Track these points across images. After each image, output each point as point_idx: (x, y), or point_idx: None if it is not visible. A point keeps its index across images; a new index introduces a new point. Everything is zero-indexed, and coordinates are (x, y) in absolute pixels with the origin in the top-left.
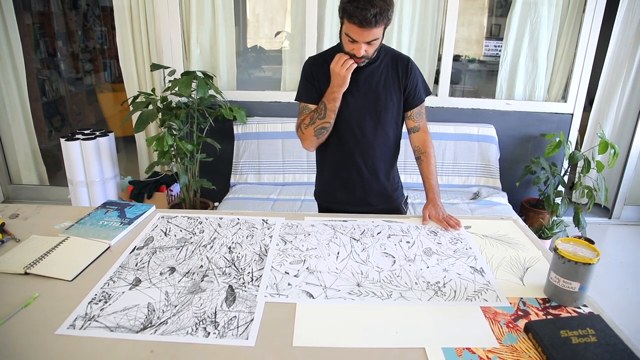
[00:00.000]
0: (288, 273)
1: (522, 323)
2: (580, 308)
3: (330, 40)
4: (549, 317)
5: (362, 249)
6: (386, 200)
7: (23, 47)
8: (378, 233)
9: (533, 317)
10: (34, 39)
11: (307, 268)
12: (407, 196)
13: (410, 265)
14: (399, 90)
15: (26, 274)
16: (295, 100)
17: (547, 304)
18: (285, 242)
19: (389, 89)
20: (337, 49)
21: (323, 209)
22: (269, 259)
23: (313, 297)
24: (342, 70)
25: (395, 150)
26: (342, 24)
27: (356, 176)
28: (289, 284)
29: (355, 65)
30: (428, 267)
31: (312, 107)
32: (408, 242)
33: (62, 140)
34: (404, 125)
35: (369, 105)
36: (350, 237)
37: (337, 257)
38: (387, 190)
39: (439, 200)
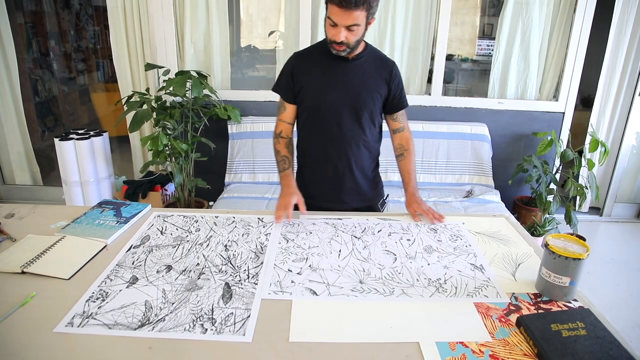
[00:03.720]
0: (291, 271)
1: (513, 317)
2: (570, 302)
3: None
4: (540, 311)
5: (363, 247)
6: (360, 199)
7: (15, 46)
8: (379, 231)
9: (525, 312)
10: (26, 38)
11: (310, 266)
12: (387, 195)
13: (411, 262)
14: (381, 93)
15: (23, 273)
16: (272, 89)
17: (539, 299)
18: (287, 241)
19: (371, 88)
20: (323, 44)
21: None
22: (269, 257)
23: (316, 294)
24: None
25: (372, 150)
26: (326, 9)
27: (331, 172)
28: (292, 282)
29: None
30: (429, 264)
31: (288, 105)
32: (408, 239)
33: (56, 140)
34: (387, 126)
35: (347, 101)
36: (352, 235)
37: (339, 254)
38: (363, 189)
39: (418, 194)
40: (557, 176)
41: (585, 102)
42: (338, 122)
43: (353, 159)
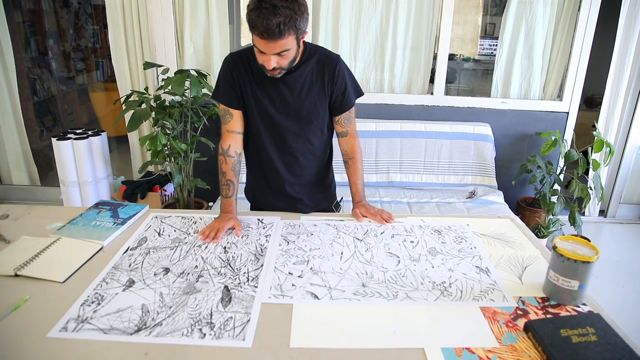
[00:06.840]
0: (292, 274)
1: (521, 322)
2: (579, 307)
3: (326, 38)
4: (548, 316)
5: (365, 249)
6: (314, 205)
7: (13, 45)
8: (381, 233)
9: (532, 316)
10: (24, 37)
11: (311, 268)
12: (341, 198)
13: (415, 265)
14: (325, 97)
15: (16, 275)
16: (212, 98)
17: (546, 303)
18: (288, 242)
19: (313, 96)
20: None
21: (254, 208)
22: (269, 260)
23: (318, 298)
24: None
25: (322, 157)
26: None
27: (280, 184)
28: (293, 285)
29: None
30: (433, 267)
31: (234, 112)
32: (412, 241)
33: (53, 140)
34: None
35: (291, 114)
36: (354, 237)
37: (341, 257)
38: (315, 196)
39: (365, 202)
40: (561, 177)
41: (588, 102)
42: (282, 136)
43: (301, 169)
